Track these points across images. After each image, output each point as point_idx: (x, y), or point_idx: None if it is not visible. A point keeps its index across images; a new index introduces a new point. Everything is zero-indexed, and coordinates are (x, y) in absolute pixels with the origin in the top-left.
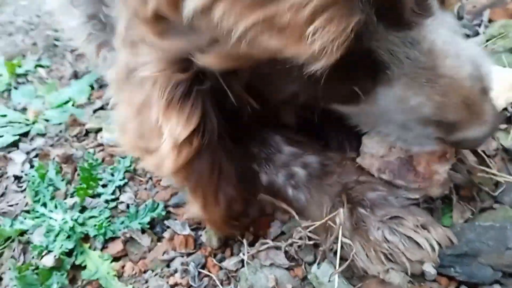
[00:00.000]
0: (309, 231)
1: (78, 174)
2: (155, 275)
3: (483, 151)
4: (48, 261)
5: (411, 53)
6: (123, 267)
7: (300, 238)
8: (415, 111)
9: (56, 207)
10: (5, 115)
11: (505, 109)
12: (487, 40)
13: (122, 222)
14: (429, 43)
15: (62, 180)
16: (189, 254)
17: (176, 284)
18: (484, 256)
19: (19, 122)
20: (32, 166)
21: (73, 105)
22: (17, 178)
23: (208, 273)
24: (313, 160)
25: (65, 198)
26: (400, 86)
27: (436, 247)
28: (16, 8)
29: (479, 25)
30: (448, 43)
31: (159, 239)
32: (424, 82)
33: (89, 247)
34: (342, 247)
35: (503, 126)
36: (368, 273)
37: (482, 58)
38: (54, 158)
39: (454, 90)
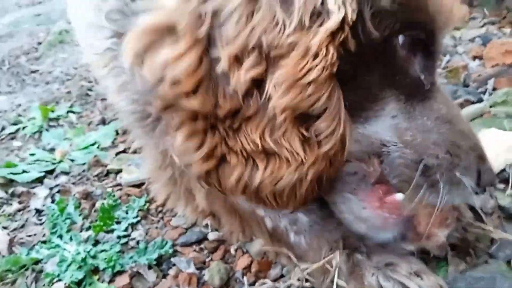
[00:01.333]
0: (307, 274)
1: (95, 210)
2: None
3: (481, 209)
4: None
5: None
6: None
7: (298, 280)
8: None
9: (71, 239)
10: (33, 154)
11: (504, 170)
12: (491, 106)
13: (131, 257)
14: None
15: (80, 215)
16: None
17: None
18: None
19: (46, 161)
20: (53, 201)
21: (98, 147)
22: (38, 211)
23: None
24: (315, 207)
25: (80, 231)
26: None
27: None
28: (55, 59)
29: (484, 93)
30: None
31: (164, 276)
32: None
33: (98, 279)
34: None
35: (501, 186)
36: None
37: None
38: (74, 194)
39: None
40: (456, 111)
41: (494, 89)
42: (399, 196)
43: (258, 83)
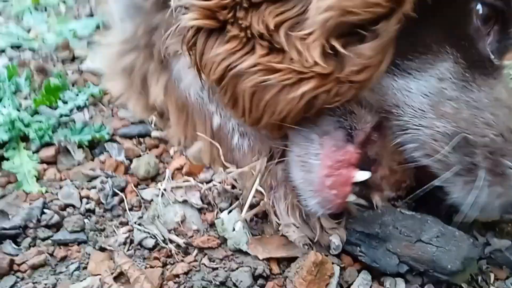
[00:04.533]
0: (232, 177)
1: None
2: (72, 184)
3: None
4: None
5: None
6: (45, 170)
7: (220, 182)
8: None
9: (10, 104)
10: (8, 27)
11: None
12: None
13: (65, 134)
14: None
15: (28, 86)
16: (114, 177)
17: (86, 197)
18: (393, 242)
19: (18, 36)
20: None
21: (74, 35)
22: None
23: (123, 196)
24: None
25: (24, 99)
26: None
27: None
28: None
29: None
30: None
31: (93, 158)
32: None
33: (24, 147)
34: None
35: None
36: (280, 225)
37: None
38: (30, 67)
39: None
40: None
41: None
42: (361, 175)
43: None
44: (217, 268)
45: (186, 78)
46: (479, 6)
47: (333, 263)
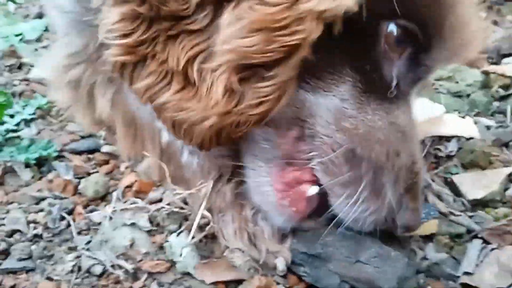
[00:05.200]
0: (180, 200)
1: None
2: (19, 208)
3: None
4: None
5: None
6: None
7: (169, 204)
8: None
9: None
10: None
11: (422, 141)
12: (435, 80)
13: (11, 152)
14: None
15: None
16: (62, 198)
17: (34, 221)
18: (334, 262)
19: None
20: None
21: (21, 39)
22: None
23: (71, 219)
24: None
25: None
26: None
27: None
28: None
29: None
30: None
31: (41, 178)
32: None
33: None
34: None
35: None
36: (229, 248)
37: None
38: None
39: None
40: (414, 132)
41: None
42: (312, 190)
43: (219, 1)
44: None
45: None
46: (390, 28)
47: (278, 283)
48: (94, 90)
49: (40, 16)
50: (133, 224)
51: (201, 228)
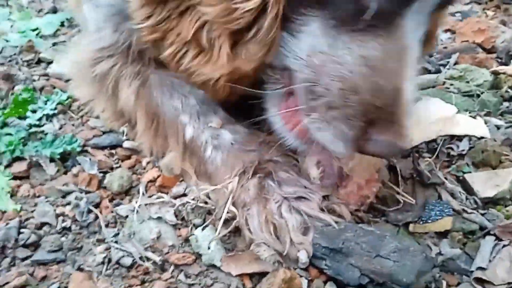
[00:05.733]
0: (204, 195)
1: (13, 94)
2: (47, 201)
3: (400, 170)
4: None
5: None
6: (19, 186)
7: (194, 199)
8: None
9: None
10: None
11: (435, 140)
12: (446, 79)
13: (35, 147)
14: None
15: None
16: (87, 192)
17: (62, 214)
18: (355, 257)
19: None
20: None
21: (37, 34)
22: None
23: (98, 212)
24: (242, 131)
25: None
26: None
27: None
28: None
29: (444, 65)
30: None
31: (66, 172)
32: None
33: None
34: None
35: (428, 155)
36: (254, 241)
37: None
38: None
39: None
40: (398, 62)
41: (455, 63)
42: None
43: None
44: (193, 284)
45: (160, 86)
46: None
47: (301, 276)
48: (120, 82)
49: (54, 10)
50: (159, 218)
51: (225, 222)
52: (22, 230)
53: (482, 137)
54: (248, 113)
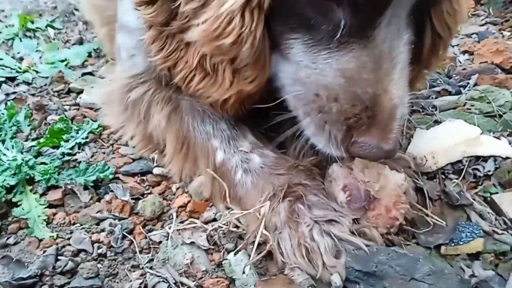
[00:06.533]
0: (236, 219)
1: (46, 124)
2: (82, 228)
3: (427, 192)
4: None
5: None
6: (54, 214)
7: (226, 224)
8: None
9: (13, 146)
10: (1, 59)
11: (460, 161)
12: (467, 100)
13: (69, 175)
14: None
15: (29, 125)
16: (121, 219)
17: (98, 241)
18: (390, 280)
19: (11, 68)
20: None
21: (66, 65)
22: None
23: (132, 238)
24: (270, 155)
25: (25, 141)
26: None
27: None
28: None
29: (464, 87)
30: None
31: (99, 199)
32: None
33: (31, 190)
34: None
35: (453, 176)
36: (286, 265)
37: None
38: (28, 104)
39: (389, 92)
40: (375, 73)
41: (475, 84)
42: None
43: (196, 16)
44: None
45: (192, 112)
46: None
47: None
48: (151, 108)
49: (81, 42)
50: (192, 243)
51: (257, 246)
52: (59, 257)
53: (507, 157)
54: (263, 119)
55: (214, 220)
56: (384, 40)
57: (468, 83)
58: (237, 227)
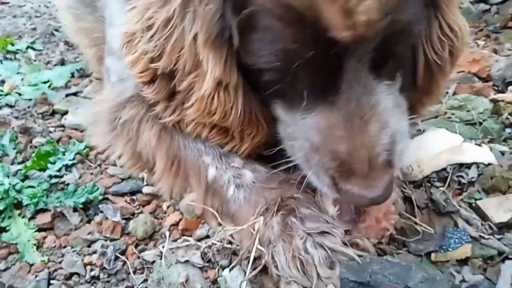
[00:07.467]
0: (230, 235)
1: (31, 147)
2: (73, 251)
3: (415, 201)
4: None
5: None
6: (44, 238)
7: (220, 241)
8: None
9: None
10: None
11: (444, 169)
12: (447, 109)
13: (58, 197)
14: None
15: (14, 148)
16: (112, 240)
17: (90, 263)
18: None
19: None
20: None
21: (49, 86)
22: None
23: (125, 259)
24: (262, 170)
25: (11, 164)
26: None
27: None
28: None
29: (444, 96)
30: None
31: (89, 221)
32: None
33: (19, 214)
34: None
35: (439, 184)
36: (281, 279)
37: (405, 136)
38: (13, 128)
39: (365, 145)
40: (338, 133)
41: (454, 93)
42: None
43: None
44: None
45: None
46: None
47: None
48: (141, 126)
49: (62, 62)
50: (186, 262)
51: (253, 261)
52: (51, 281)
53: (489, 164)
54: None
55: (207, 237)
56: (350, 100)
57: (447, 92)
58: (231, 243)
